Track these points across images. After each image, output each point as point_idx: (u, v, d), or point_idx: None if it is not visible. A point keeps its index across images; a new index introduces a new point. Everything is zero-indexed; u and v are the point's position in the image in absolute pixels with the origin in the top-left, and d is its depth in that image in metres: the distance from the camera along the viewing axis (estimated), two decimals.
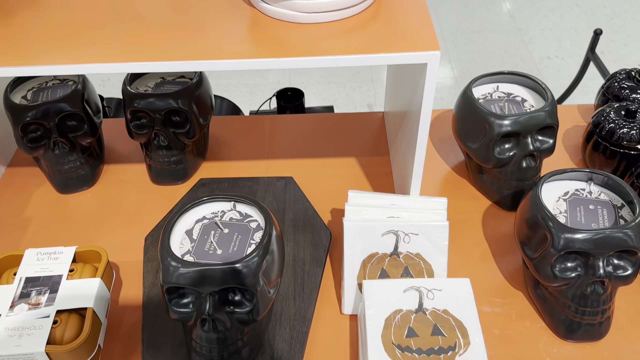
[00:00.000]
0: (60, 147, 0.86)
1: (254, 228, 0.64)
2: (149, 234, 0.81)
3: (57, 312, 0.62)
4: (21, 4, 0.68)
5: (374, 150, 0.97)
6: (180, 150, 0.89)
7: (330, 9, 0.61)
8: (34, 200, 0.89)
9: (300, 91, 1.17)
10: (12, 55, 0.60)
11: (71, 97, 0.84)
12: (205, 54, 0.59)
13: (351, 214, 0.71)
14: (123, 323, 0.71)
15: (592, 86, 2.07)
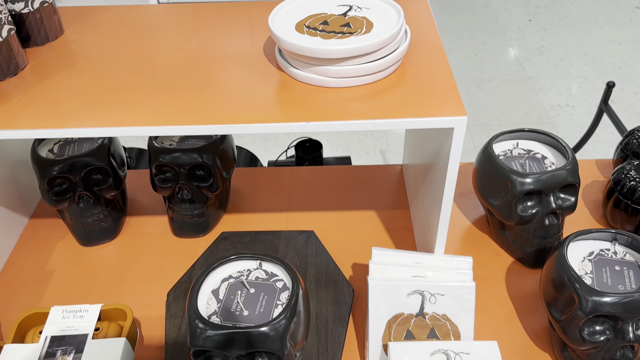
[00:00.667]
0: (85, 200, 0.87)
1: (280, 288, 0.64)
2: (172, 289, 0.81)
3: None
4: (56, 65, 0.70)
5: (393, 203, 0.97)
6: (202, 203, 0.90)
7: (357, 74, 0.63)
8: (56, 252, 0.90)
9: (319, 142, 1.18)
10: (46, 116, 0.61)
11: (98, 151, 0.86)
12: (237, 118, 0.60)
13: (376, 273, 0.70)
14: None
15: (604, 135, 2.09)
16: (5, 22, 0.66)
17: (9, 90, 0.66)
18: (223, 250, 0.86)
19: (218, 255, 0.86)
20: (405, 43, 0.66)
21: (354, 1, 0.70)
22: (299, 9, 0.70)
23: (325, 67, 0.63)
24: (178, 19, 0.79)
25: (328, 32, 0.64)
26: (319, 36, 0.64)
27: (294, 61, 0.65)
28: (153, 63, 0.70)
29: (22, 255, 0.89)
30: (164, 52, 0.72)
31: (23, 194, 0.94)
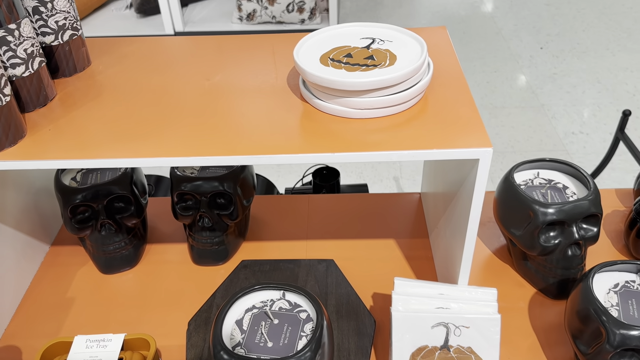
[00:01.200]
0: (107, 228, 0.87)
1: (303, 319, 0.63)
2: (192, 318, 0.80)
3: None
4: (84, 97, 0.72)
5: (412, 232, 0.97)
6: (222, 231, 0.90)
7: (381, 106, 0.64)
8: (77, 280, 0.90)
9: (336, 170, 1.19)
10: (75, 147, 0.62)
11: (120, 179, 0.87)
12: (263, 148, 0.61)
13: (399, 304, 0.70)
14: None
15: (619, 162, 2.07)
16: (37, 54, 0.68)
17: (39, 120, 0.67)
18: (243, 279, 0.86)
19: (238, 284, 0.85)
20: (429, 75, 0.66)
21: (376, 34, 0.72)
22: (322, 42, 0.71)
23: (349, 98, 0.63)
24: (202, 50, 0.81)
25: (352, 65, 0.65)
26: (344, 69, 0.65)
27: (318, 93, 0.66)
28: (179, 94, 0.71)
29: (44, 283, 0.90)
30: (190, 83, 0.73)
31: (45, 222, 0.95)
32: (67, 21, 0.73)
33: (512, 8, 3.35)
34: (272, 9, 2.70)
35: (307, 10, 2.73)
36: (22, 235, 0.88)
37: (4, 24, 0.63)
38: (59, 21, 0.72)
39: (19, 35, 0.64)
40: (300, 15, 2.74)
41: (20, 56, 0.65)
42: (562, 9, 3.31)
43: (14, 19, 0.63)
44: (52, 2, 0.70)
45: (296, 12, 2.72)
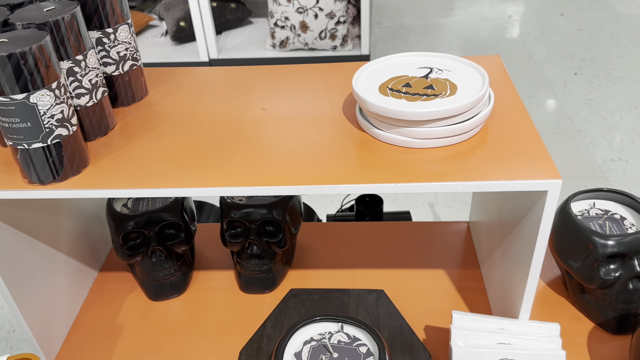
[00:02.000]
0: (157, 255, 0.88)
1: (364, 353, 0.62)
2: (244, 348, 0.80)
3: None
4: (144, 126, 0.73)
5: (462, 263, 0.95)
6: (270, 259, 0.90)
7: (443, 135, 0.63)
8: (125, 306, 0.90)
9: (379, 197, 1.18)
10: (137, 176, 0.63)
11: (172, 207, 0.87)
12: (323, 178, 0.61)
13: (459, 339, 0.68)
14: None
15: None
16: (100, 85, 0.69)
17: (100, 150, 0.68)
18: (292, 308, 0.85)
19: (288, 313, 0.84)
20: (490, 104, 0.66)
21: (433, 64, 0.71)
22: (379, 72, 0.71)
23: (410, 128, 0.63)
24: (256, 80, 0.82)
25: (412, 95, 0.65)
26: (404, 98, 0.64)
27: (377, 122, 0.66)
28: (236, 123, 0.72)
29: (93, 309, 0.90)
30: (246, 112, 0.74)
31: (94, 248, 0.96)
32: (128, 52, 0.74)
33: (543, 34, 3.33)
34: (305, 36, 2.74)
35: (339, 37, 2.76)
36: (73, 261, 0.89)
37: (72, 56, 0.64)
38: (120, 52, 0.73)
39: (85, 66, 0.66)
40: (333, 42, 2.77)
41: (85, 86, 0.67)
42: (595, 35, 3.28)
43: (81, 50, 0.65)
44: (115, 34, 0.72)
45: (328, 39, 2.75)
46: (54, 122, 0.59)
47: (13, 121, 0.58)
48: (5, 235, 0.71)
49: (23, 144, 0.59)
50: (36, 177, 0.62)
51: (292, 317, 0.84)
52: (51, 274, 0.82)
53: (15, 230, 0.73)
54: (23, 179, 0.63)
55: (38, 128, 0.59)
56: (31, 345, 0.79)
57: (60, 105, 0.59)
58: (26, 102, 0.57)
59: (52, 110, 0.59)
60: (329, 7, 2.67)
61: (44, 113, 0.58)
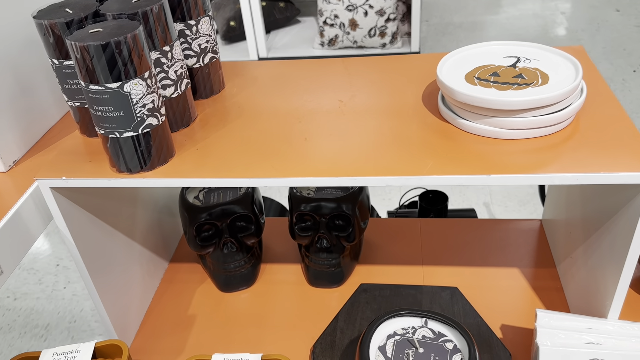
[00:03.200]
0: (229, 246, 0.88)
1: (450, 349, 0.61)
2: (317, 341, 0.79)
3: None
4: (224, 117, 0.73)
5: (536, 261, 0.92)
6: (339, 253, 0.89)
7: (535, 126, 0.61)
8: (196, 297, 0.91)
9: (444, 194, 1.16)
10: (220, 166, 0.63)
11: (243, 199, 0.88)
12: (408, 169, 0.59)
13: (546, 338, 0.66)
14: None
15: None
16: (184, 76, 0.70)
17: (183, 141, 0.69)
18: (364, 303, 0.84)
19: (360, 308, 0.84)
20: (584, 94, 0.63)
21: (520, 53, 0.69)
22: (463, 62, 0.69)
23: (500, 118, 0.61)
24: (330, 72, 0.81)
25: (502, 84, 0.63)
26: (494, 87, 0.62)
27: (463, 112, 0.64)
28: (314, 115, 0.71)
29: (165, 299, 0.91)
30: (323, 104, 0.73)
31: (165, 240, 0.98)
32: (209, 44, 0.75)
33: (599, 30, 3.22)
34: (354, 34, 2.73)
35: (389, 35, 2.74)
36: (147, 252, 0.90)
37: (159, 47, 0.65)
38: (201, 44, 0.74)
39: (171, 57, 0.67)
40: (382, 39, 2.74)
41: (171, 77, 0.67)
42: None
43: (167, 41, 0.66)
44: (197, 26, 0.73)
45: (378, 36, 2.73)
46: (145, 112, 0.60)
47: (106, 110, 0.59)
48: (89, 224, 0.73)
49: (115, 132, 0.60)
50: (125, 166, 0.63)
51: (365, 312, 0.83)
52: (127, 263, 0.84)
53: (97, 219, 0.75)
54: (111, 168, 0.64)
55: (130, 117, 0.60)
56: (108, 334, 0.80)
57: (151, 95, 0.60)
58: (120, 91, 0.58)
59: (144, 100, 0.60)
60: (379, 4, 2.65)
61: (136, 102, 0.59)
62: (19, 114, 0.71)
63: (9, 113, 0.69)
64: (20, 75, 0.71)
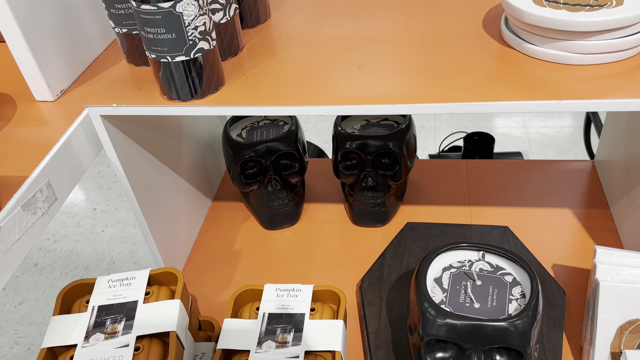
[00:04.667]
0: (273, 184, 0.87)
1: (509, 282, 0.59)
2: (365, 277, 0.79)
3: (137, 337, 0.57)
4: (272, 46, 0.70)
5: (588, 202, 0.89)
6: (384, 192, 0.88)
7: (609, 50, 0.57)
8: (241, 234, 0.91)
9: (490, 136, 1.12)
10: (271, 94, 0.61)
11: (287, 137, 0.86)
12: (473, 96, 0.57)
13: (606, 274, 0.64)
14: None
15: None
16: (233, 1, 0.67)
17: (232, 70, 0.67)
18: (411, 241, 0.83)
19: (407, 246, 0.83)
20: None
21: None
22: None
23: (571, 41, 0.57)
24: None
25: (573, 5, 0.59)
26: (564, 9, 0.58)
27: (530, 36, 0.60)
28: (366, 43, 0.68)
29: (209, 235, 0.92)
30: (374, 31, 0.70)
31: (208, 178, 0.97)
32: None
33: None
34: None
35: None
36: (192, 188, 0.90)
37: None
38: None
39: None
40: None
41: (220, 1, 0.65)
42: None
43: None
44: None
45: None
46: (197, 34, 0.58)
47: (158, 32, 0.57)
48: (138, 156, 0.72)
49: (167, 56, 0.58)
50: (176, 93, 0.61)
51: (412, 250, 0.82)
52: (174, 198, 0.83)
53: (145, 152, 0.74)
54: (162, 96, 0.63)
55: (182, 40, 0.57)
56: (157, 266, 0.81)
57: (202, 16, 0.58)
58: (172, 11, 0.56)
59: (196, 22, 0.57)
60: None
61: (188, 24, 0.57)
62: (65, 43, 0.70)
63: (55, 41, 0.68)
64: (64, 3, 0.69)
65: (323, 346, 0.60)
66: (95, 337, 0.57)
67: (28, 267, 1.73)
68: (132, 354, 0.55)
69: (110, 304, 0.60)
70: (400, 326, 0.71)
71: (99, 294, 0.61)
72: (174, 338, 0.56)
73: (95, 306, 0.60)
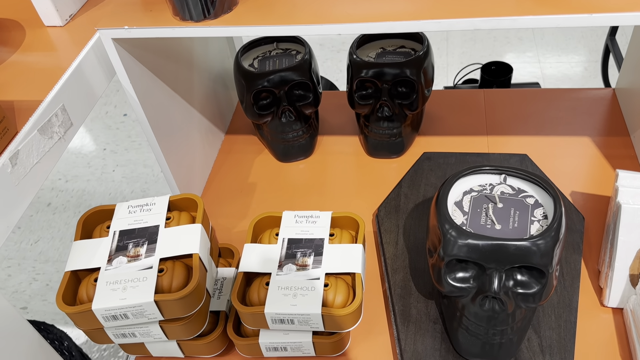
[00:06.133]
0: (287, 115, 0.86)
1: (531, 204, 0.59)
2: (381, 205, 0.79)
3: (160, 260, 0.57)
4: None
5: (608, 130, 0.87)
6: (401, 122, 0.86)
7: None
8: (255, 166, 0.91)
9: (508, 66, 1.09)
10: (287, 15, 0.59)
11: (300, 66, 0.84)
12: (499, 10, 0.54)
13: (628, 197, 0.63)
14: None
15: None
16: None
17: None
18: (428, 170, 0.83)
19: (423, 175, 0.82)
20: None
21: None
22: None
23: None
24: None
25: None
26: None
27: None
28: None
29: (224, 168, 0.91)
30: None
31: (220, 111, 0.96)
32: None
33: None
34: None
35: None
36: (204, 120, 0.89)
37: None
38: None
39: None
40: None
41: None
42: None
43: None
44: None
45: None
46: None
47: None
48: (151, 83, 0.71)
49: None
50: (188, 13, 0.59)
51: (429, 179, 0.81)
52: (188, 129, 0.82)
53: (158, 79, 0.73)
54: (174, 17, 0.61)
55: None
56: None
57: None
58: None
59: None
60: None
61: None
62: None
63: None
64: None
65: (343, 268, 0.61)
66: (118, 260, 0.57)
67: (41, 207, 1.74)
68: (157, 275, 0.55)
69: (131, 228, 0.60)
70: (418, 252, 0.71)
71: (120, 220, 0.61)
72: (197, 260, 0.57)
73: (117, 231, 0.60)
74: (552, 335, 0.61)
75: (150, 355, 0.65)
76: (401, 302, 0.66)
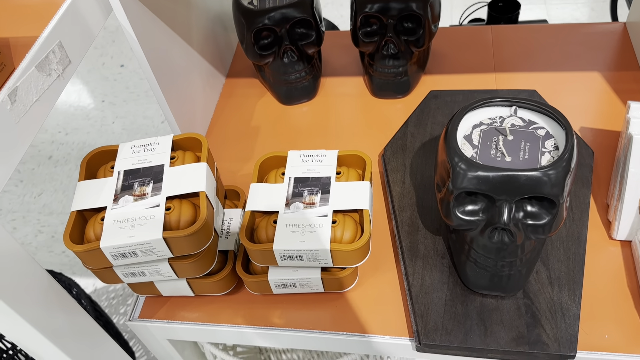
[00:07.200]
0: (289, 55, 0.84)
1: (542, 136, 0.57)
2: (388, 145, 0.77)
3: (167, 199, 0.56)
4: None
5: (618, 65, 0.85)
6: (407, 60, 0.84)
7: None
8: (258, 109, 0.89)
9: (516, 2, 1.05)
10: None
11: (302, 3, 0.81)
12: None
13: (639, 128, 0.62)
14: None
15: None
16: None
17: None
18: (435, 109, 0.81)
19: (430, 114, 0.80)
20: None
21: None
22: None
23: None
24: None
25: None
26: None
27: None
28: None
29: (226, 112, 0.90)
30: None
31: (220, 54, 0.93)
32: None
33: None
34: None
35: None
36: (205, 63, 0.87)
37: None
38: None
39: None
40: None
41: None
42: None
43: None
44: None
45: None
46: None
47: None
48: (148, 20, 0.68)
49: None
50: None
51: (436, 117, 0.80)
52: (188, 71, 0.80)
53: (155, 16, 0.70)
54: None
55: None
56: None
57: None
58: None
59: None
60: None
61: None
62: None
63: None
64: None
65: (351, 205, 0.60)
66: (125, 199, 0.57)
67: (43, 160, 1.74)
68: (164, 213, 0.55)
69: (136, 168, 0.59)
70: (425, 190, 0.71)
71: (124, 160, 0.60)
72: (204, 198, 0.56)
73: (121, 171, 0.59)
74: (560, 268, 0.61)
75: (160, 295, 0.65)
76: (408, 239, 0.66)
